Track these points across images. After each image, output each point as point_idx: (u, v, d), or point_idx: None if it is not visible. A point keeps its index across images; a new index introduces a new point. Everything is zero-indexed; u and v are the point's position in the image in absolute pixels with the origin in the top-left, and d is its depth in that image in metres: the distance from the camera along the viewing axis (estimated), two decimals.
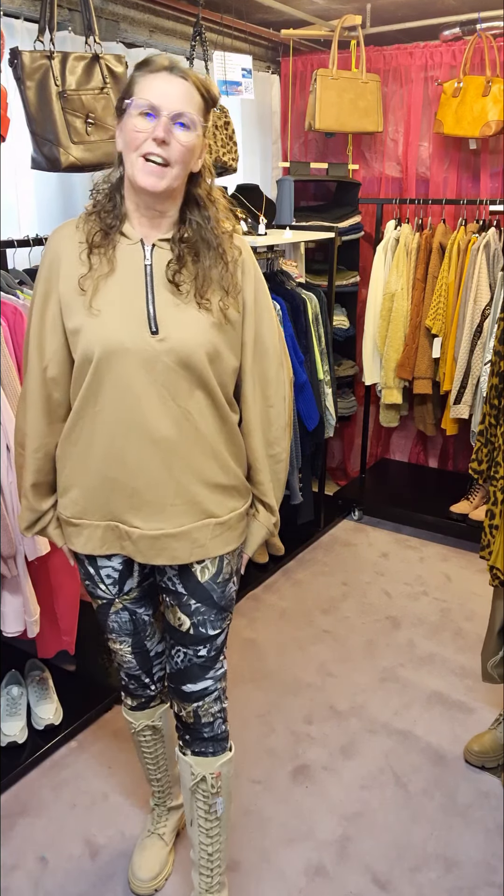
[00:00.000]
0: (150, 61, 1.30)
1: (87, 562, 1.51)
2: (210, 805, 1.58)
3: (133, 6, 2.88)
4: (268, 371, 1.48)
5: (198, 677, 1.51)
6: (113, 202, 1.37)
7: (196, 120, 1.29)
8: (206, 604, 1.48)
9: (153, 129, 1.26)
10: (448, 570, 3.31)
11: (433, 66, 3.48)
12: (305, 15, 3.33)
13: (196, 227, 1.37)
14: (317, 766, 2.18)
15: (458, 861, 1.88)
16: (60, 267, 1.37)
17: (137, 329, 1.33)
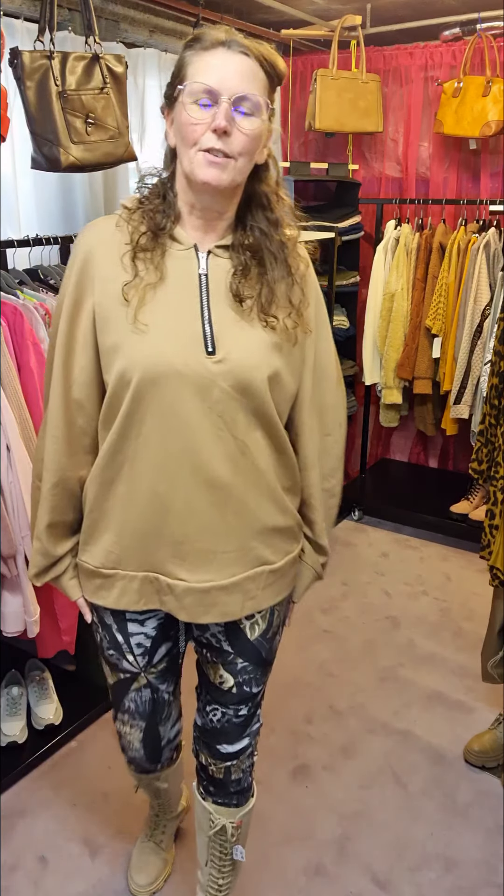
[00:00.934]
0: (203, 36, 1.09)
1: (116, 627, 1.32)
2: (226, 853, 1.49)
3: (133, 6, 2.87)
4: (326, 396, 1.32)
5: (236, 737, 1.39)
6: (166, 200, 1.18)
7: (261, 102, 1.10)
8: (253, 662, 1.34)
9: (212, 119, 1.07)
10: (448, 570, 3.31)
11: (433, 66, 3.48)
12: (305, 15, 3.33)
13: (260, 233, 1.19)
14: (317, 765, 2.18)
15: (458, 861, 1.88)
16: (95, 271, 1.17)
17: (191, 349, 1.14)
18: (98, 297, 1.17)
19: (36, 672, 2.35)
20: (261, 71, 1.11)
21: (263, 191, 1.21)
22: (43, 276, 2.26)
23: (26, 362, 1.95)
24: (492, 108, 3.13)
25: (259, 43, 1.12)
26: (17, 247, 2.18)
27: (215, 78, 1.07)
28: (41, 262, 2.37)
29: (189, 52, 1.10)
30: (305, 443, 1.32)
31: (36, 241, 2.21)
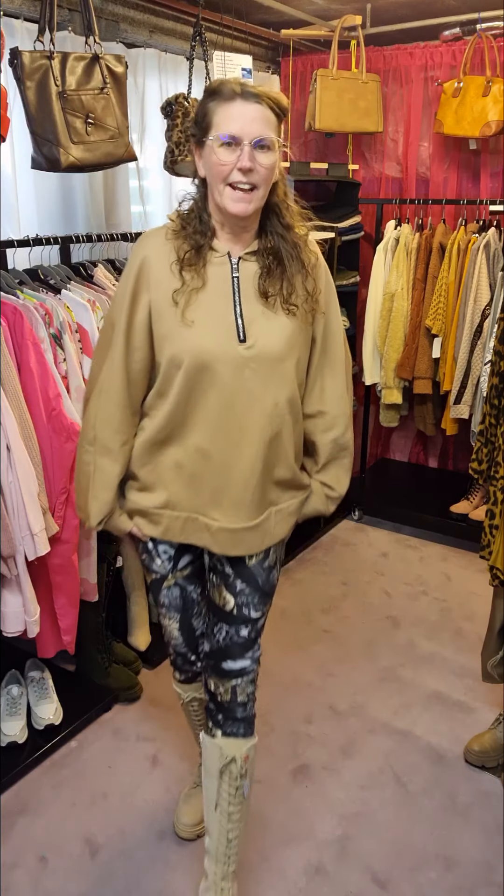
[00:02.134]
0: (221, 90, 1.35)
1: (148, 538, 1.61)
2: (237, 787, 1.60)
3: (133, 6, 2.88)
4: (336, 363, 1.58)
5: (238, 656, 1.58)
6: (202, 223, 1.45)
7: (273, 139, 1.35)
8: (250, 586, 1.57)
9: (237, 160, 1.34)
10: (448, 570, 3.31)
11: (433, 66, 3.48)
12: (305, 15, 3.33)
13: (278, 236, 1.46)
14: (317, 765, 2.18)
15: (458, 861, 1.88)
16: (150, 273, 1.44)
17: (227, 338, 1.42)
18: (153, 295, 1.44)
19: (36, 672, 2.35)
20: (271, 113, 1.36)
21: (276, 202, 1.46)
22: (43, 276, 2.26)
23: (26, 362, 1.95)
24: (492, 108, 3.13)
25: (265, 88, 1.37)
26: (17, 247, 2.18)
27: (237, 127, 1.33)
28: (41, 262, 2.37)
29: (212, 103, 1.36)
30: (314, 403, 1.58)
31: (36, 241, 2.21)
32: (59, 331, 2.07)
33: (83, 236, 2.38)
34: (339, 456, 1.63)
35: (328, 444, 1.61)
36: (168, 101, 2.58)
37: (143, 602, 2.70)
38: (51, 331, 2.04)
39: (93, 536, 2.24)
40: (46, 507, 2.00)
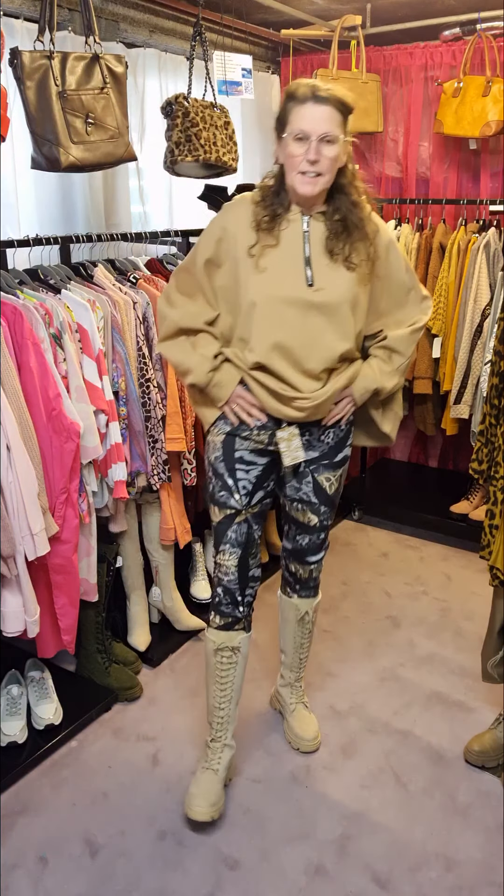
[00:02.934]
0: (297, 93, 1.65)
1: (228, 475, 1.88)
2: (308, 630, 2.21)
3: (133, 6, 2.88)
4: (399, 297, 1.90)
5: (318, 551, 2.09)
6: (280, 197, 1.76)
7: (338, 134, 1.66)
8: (329, 507, 2.01)
9: (306, 152, 1.65)
10: (448, 570, 3.31)
11: (433, 66, 3.48)
12: (305, 15, 3.33)
13: (345, 210, 1.75)
14: (317, 765, 2.18)
15: (458, 861, 1.88)
16: (236, 228, 1.77)
17: (296, 282, 1.74)
18: (235, 244, 1.76)
19: (36, 672, 2.35)
20: (337, 113, 1.67)
21: (344, 183, 1.77)
22: (43, 276, 2.26)
23: (26, 362, 1.95)
24: (492, 108, 3.13)
25: (334, 90, 1.67)
26: (17, 247, 2.18)
27: (306, 125, 1.65)
28: (41, 262, 2.37)
29: (290, 104, 1.68)
30: (382, 327, 1.92)
31: (36, 241, 2.21)
32: (59, 331, 2.07)
33: (83, 236, 2.38)
34: (384, 346, 1.91)
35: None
36: (168, 101, 2.58)
37: (143, 602, 2.70)
38: (51, 331, 2.04)
39: (93, 536, 2.24)
40: (46, 507, 2.00)
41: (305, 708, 2.30)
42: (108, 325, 2.23)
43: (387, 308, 1.90)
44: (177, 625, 2.74)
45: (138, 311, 2.33)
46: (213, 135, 2.64)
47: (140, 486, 2.43)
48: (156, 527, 2.60)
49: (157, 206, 3.16)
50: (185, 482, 2.58)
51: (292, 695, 2.30)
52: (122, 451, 2.24)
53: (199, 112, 2.59)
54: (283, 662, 2.30)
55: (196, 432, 2.55)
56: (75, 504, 2.07)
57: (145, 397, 2.35)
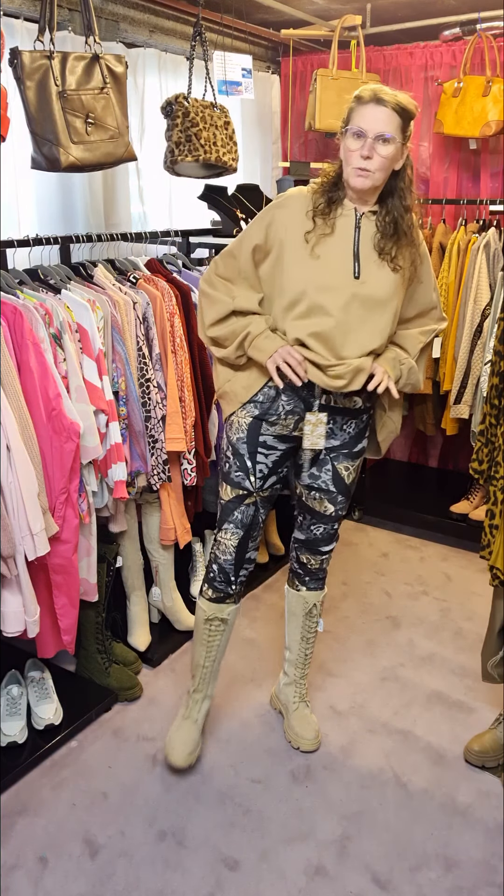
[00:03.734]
0: (361, 96, 1.75)
1: (248, 456, 1.96)
2: (313, 626, 2.25)
3: (133, 6, 2.88)
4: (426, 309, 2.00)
5: (330, 541, 2.15)
6: (337, 187, 1.84)
7: (395, 135, 1.73)
8: (345, 496, 2.08)
9: (360, 148, 1.73)
10: (448, 570, 3.31)
11: (433, 66, 3.48)
12: (305, 15, 3.33)
13: (397, 214, 1.84)
14: (317, 765, 2.18)
15: (458, 861, 1.88)
16: (289, 215, 1.85)
17: (344, 272, 1.83)
18: (288, 231, 1.84)
19: (36, 672, 2.35)
20: (396, 116, 1.73)
21: (401, 187, 1.84)
22: (43, 276, 2.26)
23: (26, 362, 1.95)
24: (492, 108, 3.13)
25: (397, 95, 1.74)
26: (17, 247, 2.18)
27: (365, 124, 1.73)
28: (41, 262, 2.37)
29: (354, 104, 1.76)
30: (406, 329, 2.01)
31: (36, 241, 2.21)
32: (59, 331, 2.07)
33: (83, 236, 2.38)
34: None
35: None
36: (168, 101, 2.58)
37: (143, 602, 2.70)
38: (51, 331, 2.04)
39: (93, 536, 2.24)
40: (46, 507, 2.00)
41: (307, 707, 2.31)
42: (108, 325, 2.23)
43: (410, 317, 2.00)
44: (177, 625, 2.74)
45: (138, 311, 2.33)
46: (213, 135, 2.64)
47: (140, 486, 2.43)
48: (156, 527, 2.60)
49: (156, 206, 3.16)
50: (185, 482, 2.58)
51: (295, 693, 2.31)
52: (122, 451, 2.24)
53: (199, 112, 2.59)
54: (288, 659, 2.31)
55: (196, 432, 2.55)
56: (75, 504, 2.07)
57: (145, 397, 2.35)
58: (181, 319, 2.47)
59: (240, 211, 3.01)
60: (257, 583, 3.13)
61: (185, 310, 2.49)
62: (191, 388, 2.50)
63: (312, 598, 2.21)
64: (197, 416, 2.54)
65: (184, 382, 2.47)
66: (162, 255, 2.73)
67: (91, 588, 2.27)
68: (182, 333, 2.46)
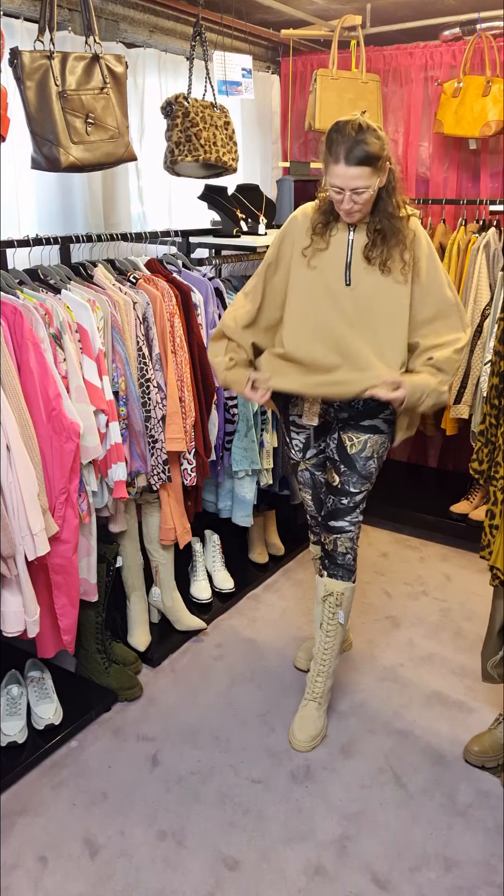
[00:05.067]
0: (331, 148, 1.85)
1: (286, 433, 2.27)
2: (332, 614, 2.24)
3: (133, 6, 2.88)
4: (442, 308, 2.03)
5: (340, 517, 2.19)
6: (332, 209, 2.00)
7: (369, 184, 1.87)
8: (349, 468, 2.15)
9: (342, 201, 1.91)
10: (448, 570, 3.31)
11: (433, 66, 3.48)
12: (305, 15, 3.33)
13: (384, 219, 1.96)
14: (317, 765, 2.18)
15: (458, 861, 1.88)
16: (294, 232, 2.07)
17: (337, 281, 2.01)
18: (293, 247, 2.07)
19: (36, 672, 2.35)
20: (367, 167, 1.85)
21: (382, 195, 1.96)
22: (43, 276, 2.26)
23: (26, 362, 1.95)
24: (492, 108, 3.13)
25: (366, 140, 1.83)
26: (17, 247, 2.18)
27: (340, 183, 1.88)
28: (41, 262, 2.37)
29: (327, 156, 1.88)
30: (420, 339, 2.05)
31: (36, 241, 2.21)
32: (59, 331, 2.07)
33: (83, 236, 2.38)
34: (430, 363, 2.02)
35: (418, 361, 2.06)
36: (168, 101, 2.58)
37: (143, 602, 2.70)
38: (51, 331, 2.04)
39: (93, 536, 2.24)
40: (46, 507, 2.00)
41: (317, 708, 2.29)
42: (108, 325, 2.23)
43: (426, 318, 2.04)
44: (177, 625, 2.74)
45: (138, 311, 2.33)
46: (213, 135, 2.64)
47: (140, 486, 2.43)
48: (156, 527, 2.60)
49: (156, 206, 3.16)
50: (185, 482, 2.58)
51: (309, 689, 2.31)
52: (122, 451, 2.24)
53: (199, 112, 2.59)
54: (313, 654, 2.33)
55: (196, 432, 2.55)
56: (75, 504, 2.07)
57: (145, 397, 2.35)
58: (181, 319, 2.47)
59: (240, 211, 3.01)
60: (257, 583, 3.13)
61: (184, 310, 2.49)
62: (191, 388, 2.50)
63: (331, 586, 2.23)
64: (197, 416, 2.54)
65: (184, 382, 2.47)
66: (162, 255, 2.73)
67: (91, 588, 2.27)
68: (182, 333, 2.46)
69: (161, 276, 2.52)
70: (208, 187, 3.03)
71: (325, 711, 2.31)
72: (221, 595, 2.99)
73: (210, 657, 2.67)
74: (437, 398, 2.03)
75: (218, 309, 2.75)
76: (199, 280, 2.68)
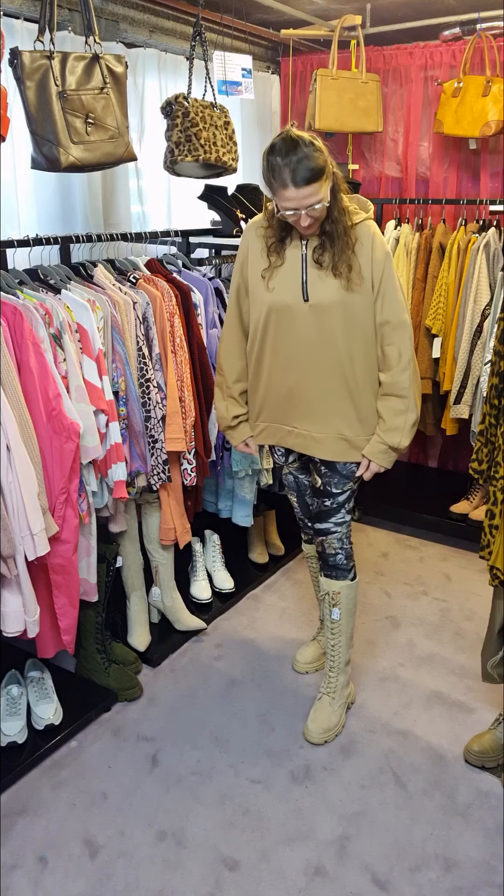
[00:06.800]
0: (274, 174, 1.83)
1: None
2: (330, 611, 2.29)
3: (133, 6, 2.88)
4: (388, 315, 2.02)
5: (324, 519, 2.21)
6: (285, 225, 2.01)
7: (321, 196, 1.86)
8: (330, 469, 2.15)
9: (298, 220, 1.90)
10: (448, 570, 3.31)
11: (433, 66, 3.48)
12: (305, 15, 3.33)
13: (333, 222, 1.95)
14: (317, 765, 2.18)
15: (458, 861, 1.88)
16: (249, 254, 2.10)
17: (295, 297, 2.01)
18: (250, 270, 2.11)
19: (36, 672, 2.35)
20: (315, 183, 1.83)
21: (334, 196, 1.94)
22: (43, 276, 2.26)
23: (26, 362, 1.95)
24: (492, 108, 3.13)
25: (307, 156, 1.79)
26: (17, 247, 2.18)
27: (293, 205, 1.87)
28: (41, 262, 2.37)
29: (274, 185, 1.86)
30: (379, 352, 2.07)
31: (36, 241, 2.21)
32: (59, 331, 2.07)
33: (83, 236, 2.38)
34: (386, 393, 2.06)
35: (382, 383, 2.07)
36: (168, 101, 2.58)
37: (143, 602, 2.70)
38: (51, 331, 2.04)
39: (93, 536, 2.24)
40: (46, 507, 2.00)
41: (330, 703, 2.32)
42: (108, 325, 2.22)
43: (381, 317, 2.03)
44: (177, 625, 2.74)
45: (138, 311, 2.33)
46: (212, 135, 2.64)
47: (140, 486, 2.43)
48: (156, 527, 2.60)
49: (155, 206, 3.16)
50: (184, 482, 2.58)
51: (323, 683, 2.36)
52: (122, 451, 2.24)
53: (199, 112, 2.59)
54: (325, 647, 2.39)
55: (196, 432, 2.55)
56: (75, 504, 2.07)
57: (145, 397, 2.35)
58: (181, 319, 2.47)
59: (240, 211, 3.01)
60: (257, 583, 3.13)
61: (184, 310, 2.49)
62: (191, 388, 2.50)
63: (326, 586, 2.27)
64: (197, 416, 2.54)
65: (184, 382, 2.47)
66: (162, 255, 2.73)
67: (91, 588, 2.27)
68: (182, 333, 2.46)
69: (161, 276, 2.52)
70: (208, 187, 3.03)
71: (343, 707, 2.33)
72: (221, 595, 2.99)
73: (210, 657, 2.67)
74: (398, 442, 2.07)
75: (218, 309, 2.75)
76: (199, 280, 2.68)
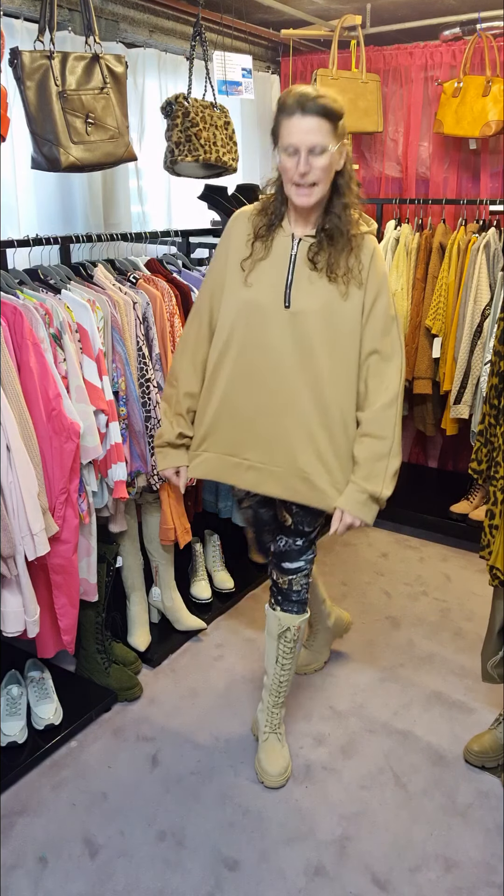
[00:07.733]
0: (284, 105, 1.67)
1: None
2: (290, 648, 2.08)
3: (133, 6, 2.88)
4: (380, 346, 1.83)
5: (295, 559, 2.03)
6: (279, 206, 1.81)
7: (327, 144, 1.66)
8: (302, 509, 1.95)
9: (296, 165, 1.67)
10: (448, 570, 3.31)
11: (433, 66, 3.48)
12: (305, 15, 3.33)
13: (335, 216, 1.77)
14: (317, 766, 2.18)
15: (457, 861, 1.88)
16: (232, 241, 1.86)
17: (275, 301, 1.79)
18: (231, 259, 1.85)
19: (36, 672, 2.35)
20: (324, 121, 1.65)
21: (341, 183, 1.77)
22: (43, 276, 2.26)
23: (26, 362, 1.95)
24: (492, 108, 3.13)
25: (322, 98, 1.64)
26: (17, 247, 2.18)
27: (295, 139, 1.67)
28: (41, 262, 2.37)
29: (280, 116, 1.70)
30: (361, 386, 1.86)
31: (36, 241, 2.21)
32: (59, 331, 2.07)
33: (83, 236, 2.38)
34: (365, 433, 1.87)
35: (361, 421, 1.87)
36: (168, 101, 2.58)
37: (143, 602, 2.70)
38: (51, 331, 2.04)
39: (93, 536, 2.24)
40: (46, 507, 2.00)
41: (279, 739, 2.15)
42: (108, 325, 2.23)
43: (369, 345, 1.83)
44: (177, 625, 2.74)
45: (138, 311, 2.33)
46: (213, 135, 2.64)
47: (140, 486, 2.43)
48: (156, 527, 2.60)
49: (155, 206, 3.16)
50: None
51: (266, 722, 2.16)
52: (122, 451, 2.24)
53: (199, 112, 2.59)
54: (265, 684, 2.17)
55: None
56: (75, 504, 2.07)
57: (145, 397, 2.35)
58: (181, 319, 2.47)
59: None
60: (257, 583, 3.13)
61: (185, 310, 2.49)
62: None
63: (287, 621, 2.06)
64: None
65: None
66: (162, 255, 2.73)
67: (91, 588, 2.27)
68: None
69: (161, 276, 2.52)
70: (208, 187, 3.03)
71: (285, 739, 2.19)
72: (221, 595, 2.99)
73: (210, 657, 2.67)
74: (380, 490, 1.96)
75: None
76: (199, 280, 2.68)
